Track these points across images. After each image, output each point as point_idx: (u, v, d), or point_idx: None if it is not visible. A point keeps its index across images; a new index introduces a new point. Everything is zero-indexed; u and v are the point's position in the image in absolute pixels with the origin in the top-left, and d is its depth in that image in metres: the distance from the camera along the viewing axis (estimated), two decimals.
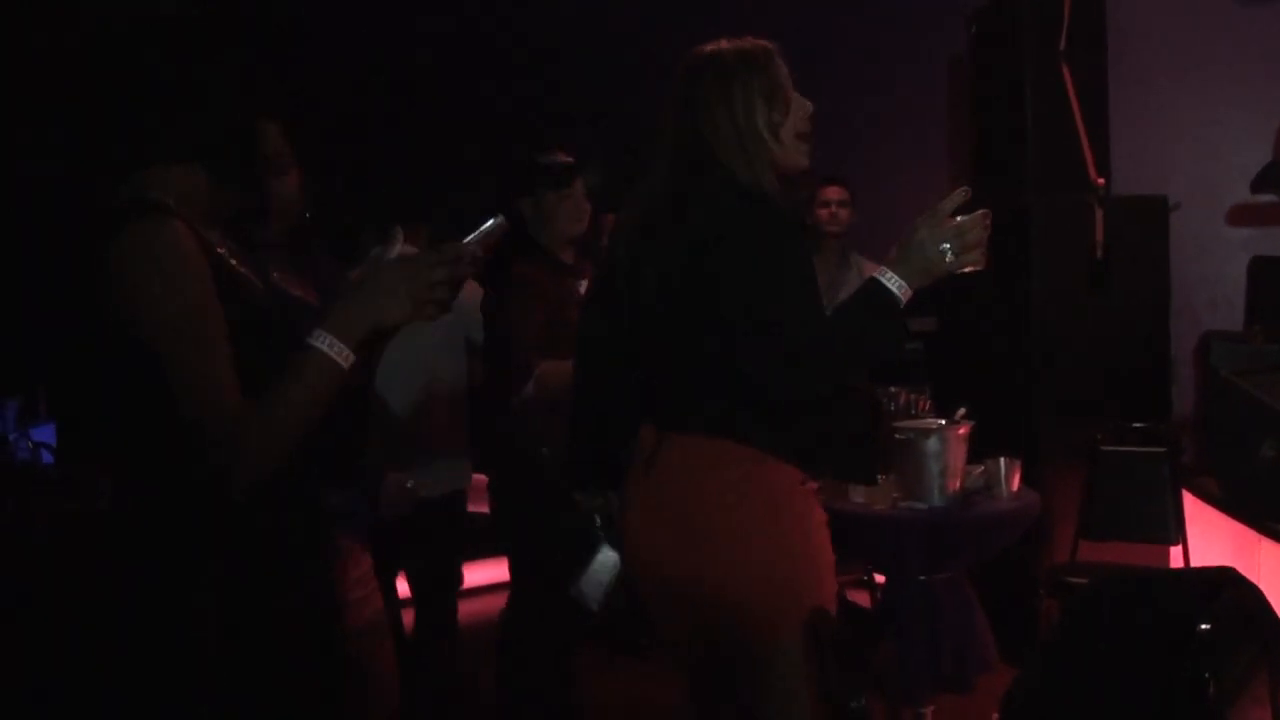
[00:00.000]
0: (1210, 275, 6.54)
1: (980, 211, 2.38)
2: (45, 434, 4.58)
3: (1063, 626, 2.32)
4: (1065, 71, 5.21)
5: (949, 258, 2.34)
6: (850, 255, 5.92)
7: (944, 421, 4.04)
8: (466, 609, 5.84)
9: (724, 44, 2.61)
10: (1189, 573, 3.18)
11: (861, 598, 5.43)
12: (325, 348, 1.85)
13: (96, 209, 1.88)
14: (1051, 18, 5.28)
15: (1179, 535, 4.80)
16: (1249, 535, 4.60)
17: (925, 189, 7.27)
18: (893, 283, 2.34)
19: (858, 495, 4.05)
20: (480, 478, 4.45)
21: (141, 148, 1.95)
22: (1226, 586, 2.49)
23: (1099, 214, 5.11)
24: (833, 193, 5.91)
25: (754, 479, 2.46)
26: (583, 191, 4.18)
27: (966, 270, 2.40)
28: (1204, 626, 2.03)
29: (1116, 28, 5.55)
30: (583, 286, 4.03)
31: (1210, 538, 4.88)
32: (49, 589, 3.58)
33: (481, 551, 5.82)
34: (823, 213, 5.91)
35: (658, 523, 2.55)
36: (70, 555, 3.71)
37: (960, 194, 2.38)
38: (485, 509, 4.40)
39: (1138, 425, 5.03)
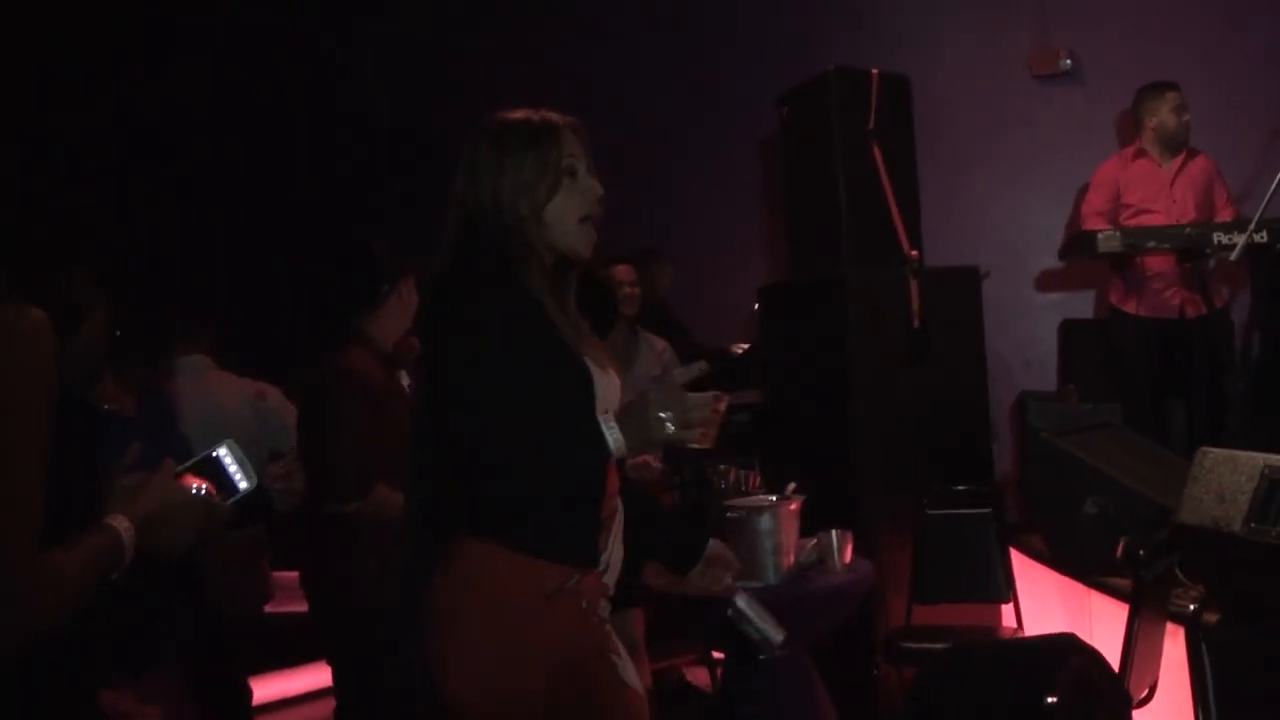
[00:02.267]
0: (1023, 338, 6.80)
1: (712, 394, 2.35)
2: None
3: (914, 701, 2.36)
4: (875, 149, 5.35)
5: (667, 428, 2.31)
6: (638, 330, 5.82)
7: (775, 498, 4.06)
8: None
9: (515, 114, 2.50)
10: (1032, 642, 3.24)
11: (701, 676, 5.41)
12: (124, 534, 1.80)
13: None
14: (859, 99, 5.44)
15: (1009, 593, 4.91)
16: (1077, 589, 4.72)
17: (744, 262, 7.46)
18: (611, 434, 2.31)
19: None
20: (290, 575, 4.31)
21: None
22: (1070, 654, 2.56)
23: (914, 285, 5.23)
24: (621, 273, 5.60)
25: (484, 581, 2.38)
26: None
27: (693, 445, 2.37)
28: (1050, 699, 2.07)
29: (922, 106, 5.74)
30: (404, 378, 3.95)
31: (1040, 594, 4.99)
32: None
33: (300, 655, 5.68)
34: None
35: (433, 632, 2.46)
36: None
37: (696, 368, 2.37)
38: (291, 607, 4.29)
39: (962, 488, 5.14)
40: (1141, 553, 3.71)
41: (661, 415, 2.30)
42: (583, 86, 7.65)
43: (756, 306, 6.12)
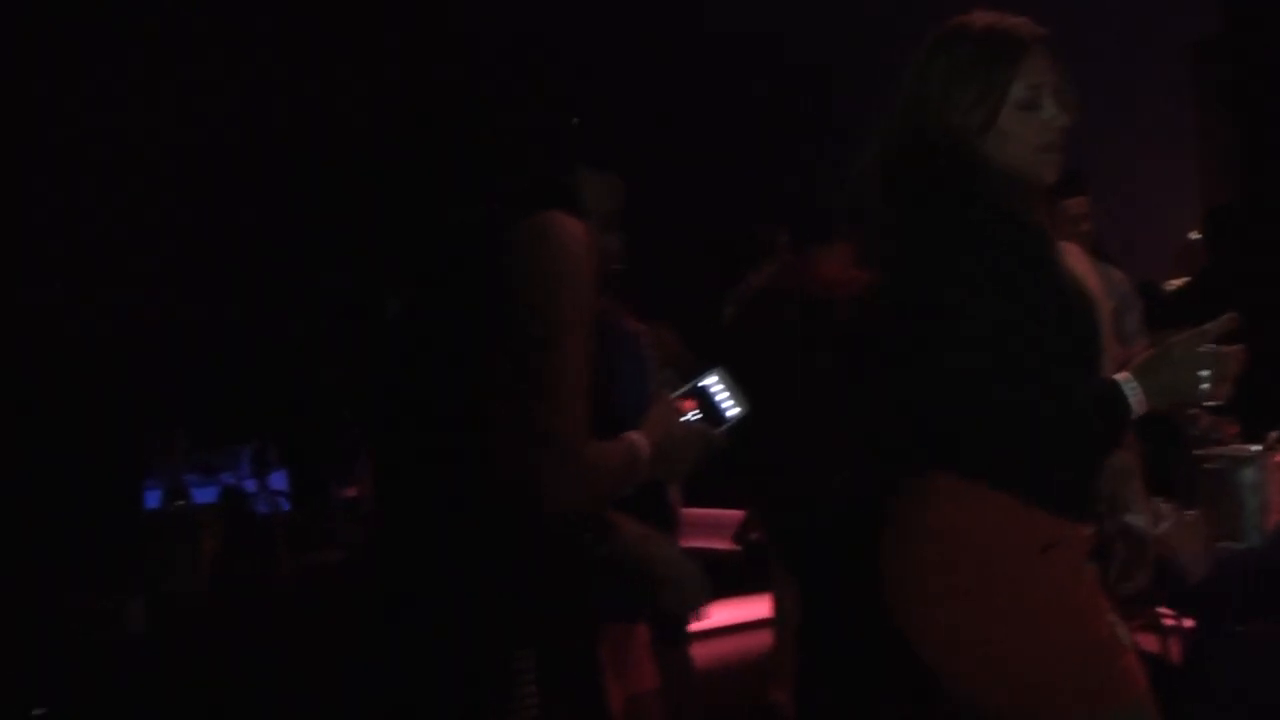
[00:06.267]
0: None
1: (1239, 346, 2.14)
2: (278, 481, 4.58)
3: None
4: None
5: (1204, 386, 2.11)
6: (1098, 265, 5.35)
7: (1258, 448, 3.66)
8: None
9: (978, 21, 2.29)
10: None
11: (1149, 642, 4.98)
12: (643, 453, 2.00)
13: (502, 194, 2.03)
14: None
15: None
16: None
17: (1170, 192, 6.86)
18: (1133, 394, 2.12)
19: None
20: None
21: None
22: None
23: None
24: (1076, 206, 5.12)
25: (967, 527, 2.23)
26: None
27: (1207, 404, 2.21)
28: None
29: None
30: None
31: None
32: (295, 642, 3.50)
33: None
34: (1067, 229, 5.24)
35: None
36: (314, 606, 3.64)
37: (1227, 320, 2.12)
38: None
39: None
40: None
41: (1204, 374, 2.10)
42: None
43: (1194, 235, 5.61)
